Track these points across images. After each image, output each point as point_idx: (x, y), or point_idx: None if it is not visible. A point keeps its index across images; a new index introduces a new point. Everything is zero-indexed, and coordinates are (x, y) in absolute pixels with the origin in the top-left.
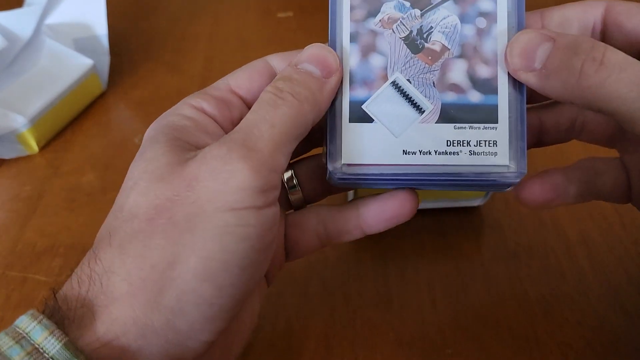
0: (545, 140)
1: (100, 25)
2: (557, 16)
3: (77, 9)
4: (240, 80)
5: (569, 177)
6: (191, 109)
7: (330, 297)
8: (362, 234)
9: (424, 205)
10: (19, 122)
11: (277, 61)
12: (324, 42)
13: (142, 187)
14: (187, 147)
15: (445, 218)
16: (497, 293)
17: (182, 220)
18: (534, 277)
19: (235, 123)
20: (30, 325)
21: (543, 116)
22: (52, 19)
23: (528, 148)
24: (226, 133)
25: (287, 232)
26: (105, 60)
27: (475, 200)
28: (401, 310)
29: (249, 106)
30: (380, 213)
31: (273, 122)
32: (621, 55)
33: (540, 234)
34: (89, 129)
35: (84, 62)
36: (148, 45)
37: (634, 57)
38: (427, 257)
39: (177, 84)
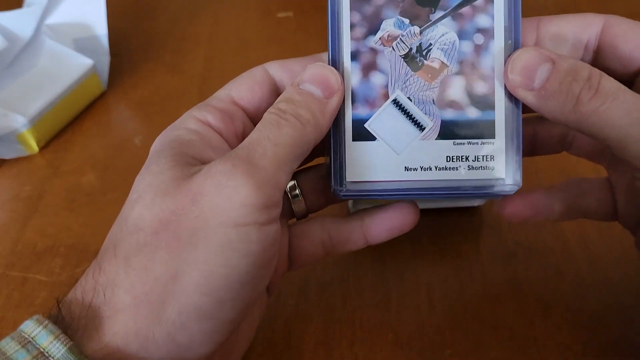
0: (537, 150)
1: (100, 26)
2: (553, 30)
3: (77, 9)
4: (242, 91)
5: (553, 195)
6: (197, 122)
7: (329, 297)
8: (365, 244)
9: (423, 205)
10: (19, 122)
11: (275, 69)
12: (324, 43)
13: (147, 200)
14: (192, 161)
15: (445, 218)
16: (496, 293)
17: (185, 234)
18: (532, 278)
19: (238, 135)
20: (35, 329)
21: (537, 127)
22: (52, 19)
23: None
24: (230, 146)
25: (292, 242)
26: (105, 61)
27: (475, 200)
28: (400, 310)
29: (250, 117)
30: (384, 224)
31: (276, 141)
32: (615, 84)
33: (539, 234)
34: (89, 129)
35: (84, 62)
36: (148, 45)
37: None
38: (425, 257)
39: (177, 84)
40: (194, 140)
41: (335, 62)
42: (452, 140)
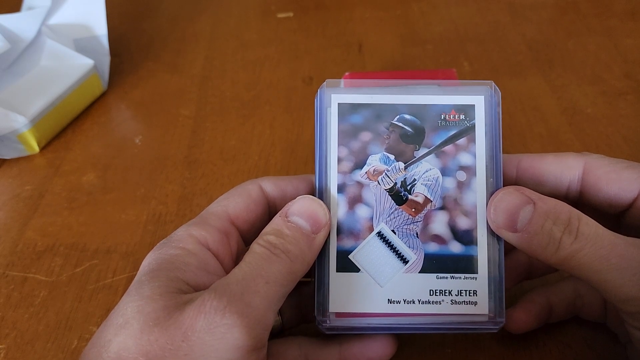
0: (534, 274)
1: (100, 26)
2: (533, 170)
3: (77, 9)
4: (238, 210)
5: (552, 299)
6: (196, 244)
7: None
8: None
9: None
10: (20, 122)
11: (269, 186)
12: (322, 42)
13: (135, 329)
14: (185, 288)
15: None
16: None
17: None
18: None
19: (233, 256)
20: None
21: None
22: (53, 19)
23: (519, 282)
24: (225, 268)
25: None
26: (106, 61)
27: None
28: None
29: (244, 237)
30: (362, 352)
31: (268, 278)
32: (593, 228)
33: None
34: (89, 129)
35: (85, 63)
36: (148, 45)
37: (611, 216)
38: None
39: (177, 84)
40: (190, 263)
41: (322, 193)
42: (435, 274)
